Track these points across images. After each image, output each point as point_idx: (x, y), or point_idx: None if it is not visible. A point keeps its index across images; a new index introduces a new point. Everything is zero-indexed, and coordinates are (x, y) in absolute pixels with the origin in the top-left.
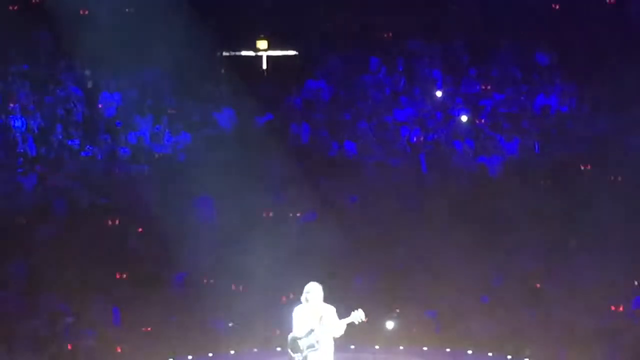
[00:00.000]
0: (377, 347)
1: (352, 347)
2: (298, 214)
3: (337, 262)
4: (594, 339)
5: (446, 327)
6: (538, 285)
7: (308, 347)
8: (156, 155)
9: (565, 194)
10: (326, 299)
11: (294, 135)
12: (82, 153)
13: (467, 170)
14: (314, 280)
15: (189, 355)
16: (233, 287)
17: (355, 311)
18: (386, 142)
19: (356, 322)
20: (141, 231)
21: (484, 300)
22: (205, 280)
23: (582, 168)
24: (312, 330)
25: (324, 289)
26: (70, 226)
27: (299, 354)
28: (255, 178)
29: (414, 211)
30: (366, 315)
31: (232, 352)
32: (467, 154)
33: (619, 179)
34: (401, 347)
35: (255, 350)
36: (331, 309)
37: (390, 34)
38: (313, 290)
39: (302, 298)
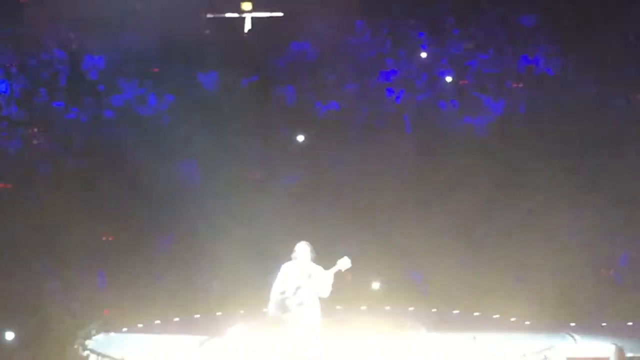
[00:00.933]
0: (363, 307)
1: (338, 307)
2: (283, 176)
3: (322, 223)
4: None
5: (431, 289)
6: None
7: (297, 305)
8: (141, 118)
9: (550, 154)
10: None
11: (278, 96)
12: (66, 116)
13: (452, 130)
14: (301, 240)
15: (176, 317)
16: (218, 248)
17: (341, 259)
18: (371, 103)
19: (342, 269)
20: (126, 193)
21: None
22: (191, 242)
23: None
24: (299, 288)
25: (313, 250)
26: (55, 189)
27: (289, 313)
28: (240, 140)
29: (399, 171)
30: (352, 278)
31: (219, 313)
32: (452, 114)
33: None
34: (387, 308)
35: (242, 311)
36: (319, 269)
37: None
38: (301, 249)
39: (292, 256)
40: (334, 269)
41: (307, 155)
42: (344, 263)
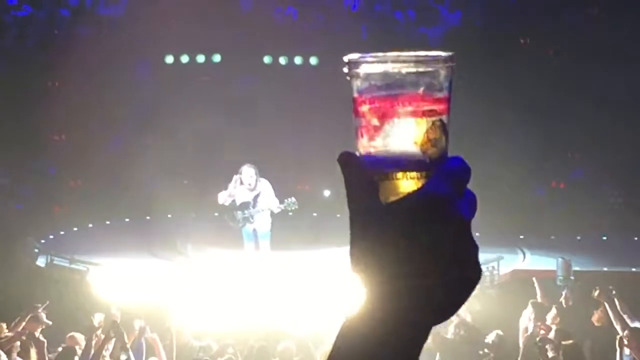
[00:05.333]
0: (314, 214)
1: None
2: (239, 77)
3: (273, 124)
4: None
5: None
6: None
7: (243, 219)
8: (98, 17)
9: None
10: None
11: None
12: (20, 13)
13: (408, 39)
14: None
15: (126, 217)
16: (172, 151)
17: (288, 199)
18: (327, 9)
19: (289, 210)
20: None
21: None
22: (144, 142)
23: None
24: (246, 204)
25: (257, 167)
26: (8, 87)
27: (235, 223)
28: (198, 41)
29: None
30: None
31: (169, 215)
32: (409, 24)
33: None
34: (338, 215)
35: (194, 215)
36: (266, 184)
37: None
38: (245, 172)
39: (236, 178)
40: (281, 206)
41: (264, 59)
42: (291, 203)
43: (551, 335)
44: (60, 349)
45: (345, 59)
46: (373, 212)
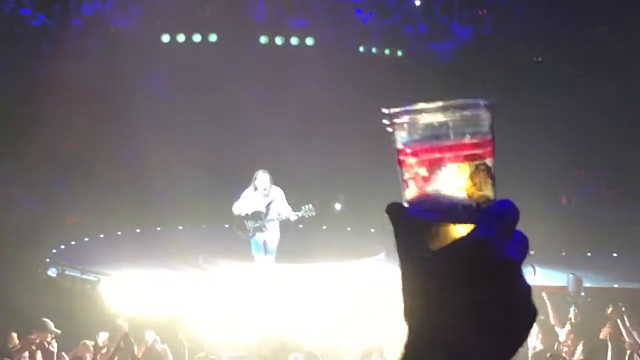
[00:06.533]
0: (324, 227)
1: (300, 226)
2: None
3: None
4: None
5: None
6: None
7: (254, 229)
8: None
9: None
10: (275, 182)
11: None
12: (33, 22)
13: (419, 54)
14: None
15: (137, 228)
16: (184, 163)
17: (306, 206)
18: (340, 23)
19: (306, 216)
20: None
21: None
22: (154, 156)
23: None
24: (259, 213)
25: (271, 173)
26: (21, 99)
27: (245, 233)
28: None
29: (364, 91)
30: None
31: (180, 227)
32: (419, 38)
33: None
34: (348, 228)
35: (204, 226)
36: (279, 191)
37: None
38: (260, 177)
39: (251, 185)
40: (298, 214)
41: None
42: (308, 210)
43: (578, 351)
44: (69, 358)
45: (386, 110)
46: (422, 262)
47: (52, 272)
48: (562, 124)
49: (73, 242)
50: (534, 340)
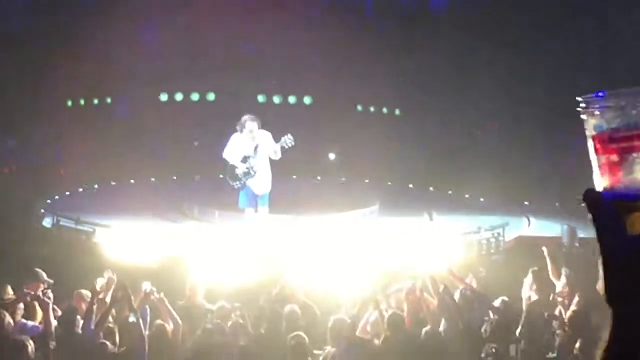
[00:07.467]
0: (318, 177)
1: (294, 176)
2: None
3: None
4: None
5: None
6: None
7: (244, 175)
8: None
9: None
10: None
11: None
12: None
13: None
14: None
15: (131, 179)
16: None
17: (284, 136)
18: None
19: (286, 146)
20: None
21: None
22: (150, 102)
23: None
24: (246, 157)
25: (259, 117)
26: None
27: (237, 182)
28: None
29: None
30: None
31: (174, 177)
32: None
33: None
34: (343, 179)
35: (197, 177)
36: (267, 135)
37: None
38: (247, 121)
39: (237, 128)
40: (278, 145)
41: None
42: (287, 140)
43: (575, 301)
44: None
45: (580, 98)
46: (623, 247)
47: (46, 223)
48: (557, 75)
49: (67, 193)
50: (528, 291)
